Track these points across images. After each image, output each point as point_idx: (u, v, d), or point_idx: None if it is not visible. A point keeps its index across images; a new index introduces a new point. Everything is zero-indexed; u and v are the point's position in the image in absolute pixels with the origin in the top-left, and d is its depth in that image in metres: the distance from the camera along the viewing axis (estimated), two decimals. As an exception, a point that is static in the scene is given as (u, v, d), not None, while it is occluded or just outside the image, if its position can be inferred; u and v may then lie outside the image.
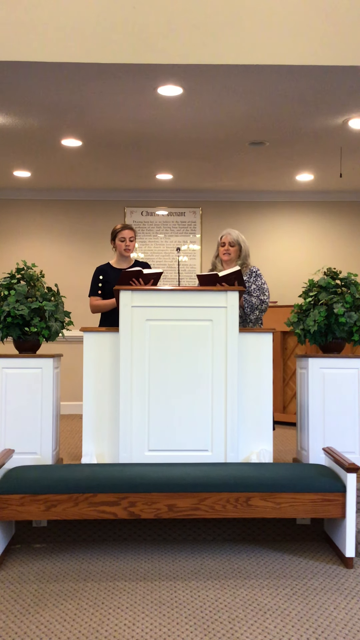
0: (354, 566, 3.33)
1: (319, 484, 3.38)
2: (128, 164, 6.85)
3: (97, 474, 3.44)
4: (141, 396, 3.91)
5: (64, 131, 5.79)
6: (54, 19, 4.24)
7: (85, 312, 5.15)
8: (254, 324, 4.46)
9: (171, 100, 4.99)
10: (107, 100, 5.02)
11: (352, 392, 4.12)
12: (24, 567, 3.32)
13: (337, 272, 4.36)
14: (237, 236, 4.58)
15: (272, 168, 7.02)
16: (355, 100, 4.99)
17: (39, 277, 4.29)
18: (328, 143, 6.09)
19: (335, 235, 8.22)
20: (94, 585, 3.09)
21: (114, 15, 4.26)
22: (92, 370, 4.07)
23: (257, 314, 4.44)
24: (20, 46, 4.24)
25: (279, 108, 5.19)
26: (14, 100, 5.00)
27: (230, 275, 4.06)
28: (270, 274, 7.27)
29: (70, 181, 7.60)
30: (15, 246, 8.00)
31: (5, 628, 2.66)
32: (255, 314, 4.43)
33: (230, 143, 6.12)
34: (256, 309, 4.42)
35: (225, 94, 4.89)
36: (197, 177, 7.39)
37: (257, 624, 2.69)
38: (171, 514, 3.34)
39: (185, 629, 2.65)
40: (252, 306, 4.40)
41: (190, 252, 8.10)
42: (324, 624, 2.70)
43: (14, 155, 6.53)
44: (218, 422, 3.91)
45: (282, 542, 3.67)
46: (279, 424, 6.46)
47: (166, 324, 3.94)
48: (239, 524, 3.75)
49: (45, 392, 4.06)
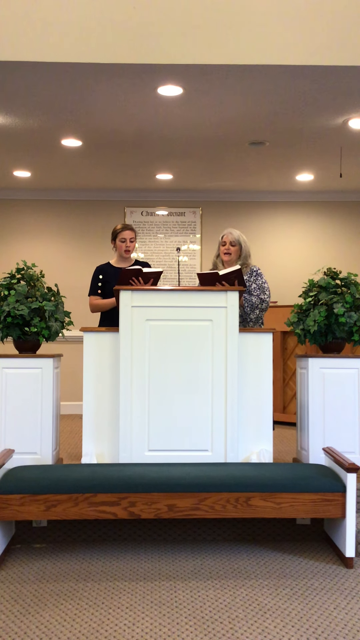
0: (354, 566, 3.33)
1: (319, 484, 3.38)
2: (128, 164, 6.85)
3: (97, 474, 3.44)
4: (141, 396, 3.91)
5: (64, 131, 5.79)
6: (54, 19, 4.24)
7: (85, 312, 5.15)
8: (254, 324, 4.46)
9: (171, 100, 4.99)
10: (107, 100, 5.02)
11: (352, 392, 4.12)
12: (24, 567, 3.32)
13: (337, 272, 4.36)
14: (238, 236, 4.58)
15: (272, 168, 7.02)
16: (355, 100, 5.00)
17: (39, 277, 4.30)
18: (328, 143, 6.09)
19: (335, 235, 8.22)
20: (94, 585, 3.09)
21: (114, 15, 4.26)
22: (92, 370, 4.07)
23: (258, 313, 4.44)
24: (20, 46, 4.24)
25: (279, 108, 5.19)
26: (14, 100, 5.01)
27: (230, 274, 4.05)
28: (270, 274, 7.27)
29: (70, 181, 7.60)
30: (15, 246, 8.00)
31: (5, 628, 2.66)
32: (255, 313, 4.43)
33: (230, 143, 6.13)
34: (256, 308, 4.42)
35: (225, 94, 4.89)
36: (197, 177, 7.39)
37: (257, 624, 2.69)
38: (171, 514, 3.34)
39: (185, 629, 2.65)
40: (252, 305, 4.40)
41: (190, 252, 8.10)
42: (324, 624, 2.70)
43: (14, 155, 6.54)
44: (218, 422, 3.91)
45: (282, 542, 3.67)
46: (279, 424, 6.47)
47: (166, 324, 3.94)
48: (239, 524, 3.75)
49: (45, 392, 4.06)
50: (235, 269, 4.06)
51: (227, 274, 4.06)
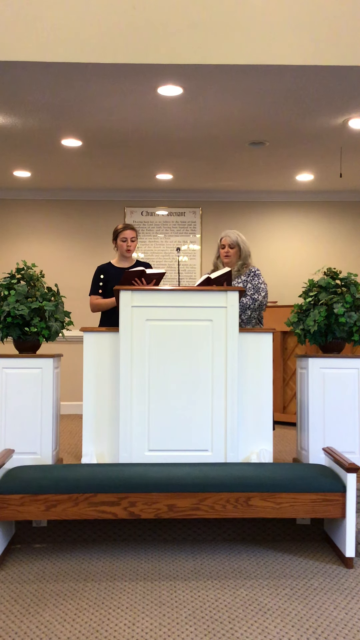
0: (354, 566, 3.33)
1: (319, 484, 3.38)
2: (128, 164, 6.85)
3: (97, 474, 3.44)
4: (141, 396, 3.91)
5: (64, 131, 5.79)
6: (54, 19, 4.24)
7: (85, 312, 5.15)
8: (245, 324, 4.46)
9: (171, 100, 4.99)
10: (107, 100, 5.02)
11: (352, 392, 4.12)
12: (24, 567, 3.32)
13: (337, 272, 4.36)
14: (236, 237, 4.59)
15: (272, 168, 7.02)
16: (355, 100, 5.00)
17: (39, 277, 4.30)
18: (328, 143, 6.09)
19: (335, 235, 8.22)
20: (94, 585, 3.09)
21: (114, 15, 4.26)
22: (92, 370, 4.07)
23: (250, 313, 4.45)
24: (20, 46, 4.24)
25: (279, 108, 5.19)
26: (14, 100, 5.00)
27: (221, 277, 4.12)
28: (270, 274, 7.28)
29: (70, 181, 7.60)
30: (15, 246, 8.00)
31: (5, 628, 2.66)
32: (247, 313, 4.44)
33: (230, 143, 6.12)
34: (248, 309, 4.43)
35: (225, 94, 4.89)
36: (197, 177, 7.39)
37: (257, 624, 2.69)
38: (171, 514, 3.34)
39: (185, 629, 2.65)
40: (243, 306, 4.41)
41: (190, 252, 8.10)
42: (324, 624, 2.70)
43: (14, 155, 6.53)
44: (218, 422, 3.91)
45: (282, 542, 3.67)
46: (279, 424, 6.47)
47: (166, 324, 3.94)
48: (239, 524, 3.75)
49: (45, 392, 4.06)
50: (225, 272, 4.11)
51: (218, 277, 4.11)
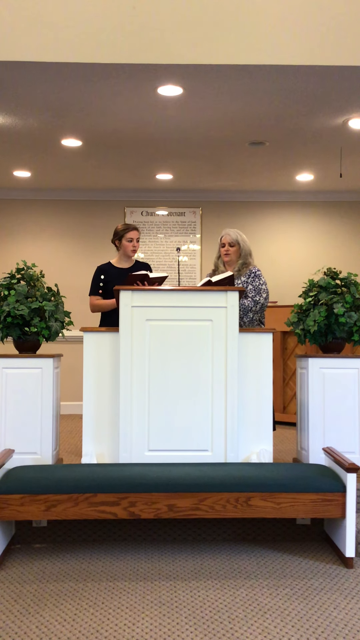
0: (354, 566, 3.33)
1: (319, 484, 3.38)
2: (128, 164, 6.85)
3: (97, 474, 3.44)
4: (141, 396, 3.91)
5: (64, 131, 5.79)
6: (54, 19, 4.24)
7: (85, 312, 5.15)
8: (247, 327, 4.45)
9: (171, 100, 4.99)
10: (107, 100, 5.02)
11: (352, 392, 4.12)
12: (24, 567, 3.32)
13: (337, 272, 4.36)
14: (236, 236, 4.59)
15: (272, 168, 7.02)
16: (355, 100, 5.00)
17: (39, 277, 4.30)
18: (328, 143, 6.09)
19: (335, 235, 8.22)
20: (94, 585, 3.09)
21: (114, 15, 4.26)
22: (92, 370, 4.07)
23: (252, 316, 4.45)
24: (20, 46, 4.24)
25: (279, 108, 5.19)
26: (14, 100, 5.01)
27: (222, 280, 4.10)
28: (270, 274, 7.28)
29: (70, 181, 7.60)
30: (15, 246, 8.00)
31: (5, 628, 2.66)
32: (249, 316, 4.43)
33: (230, 143, 6.12)
34: (250, 311, 4.43)
35: (225, 94, 4.89)
36: (197, 177, 7.39)
37: (257, 624, 2.69)
38: (171, 514, 3.34)
39: (185, 629, 2.65)
40: (245, 309, 4.41)
41: (190, 252, 8.10)
42: (324, 624, 2.70)
43: (14, 155, 6.53)
44: (218, 422, 3.91)
45: (282, 542, 3.67)
46: (279, 424, 6.47)
47: (166, 324, 3.94)
48: (239, 524, 3.75)
49: (45, 392, 4.06)
50: (227, 276, 4.09)
51: (219, 280, 4.10)
